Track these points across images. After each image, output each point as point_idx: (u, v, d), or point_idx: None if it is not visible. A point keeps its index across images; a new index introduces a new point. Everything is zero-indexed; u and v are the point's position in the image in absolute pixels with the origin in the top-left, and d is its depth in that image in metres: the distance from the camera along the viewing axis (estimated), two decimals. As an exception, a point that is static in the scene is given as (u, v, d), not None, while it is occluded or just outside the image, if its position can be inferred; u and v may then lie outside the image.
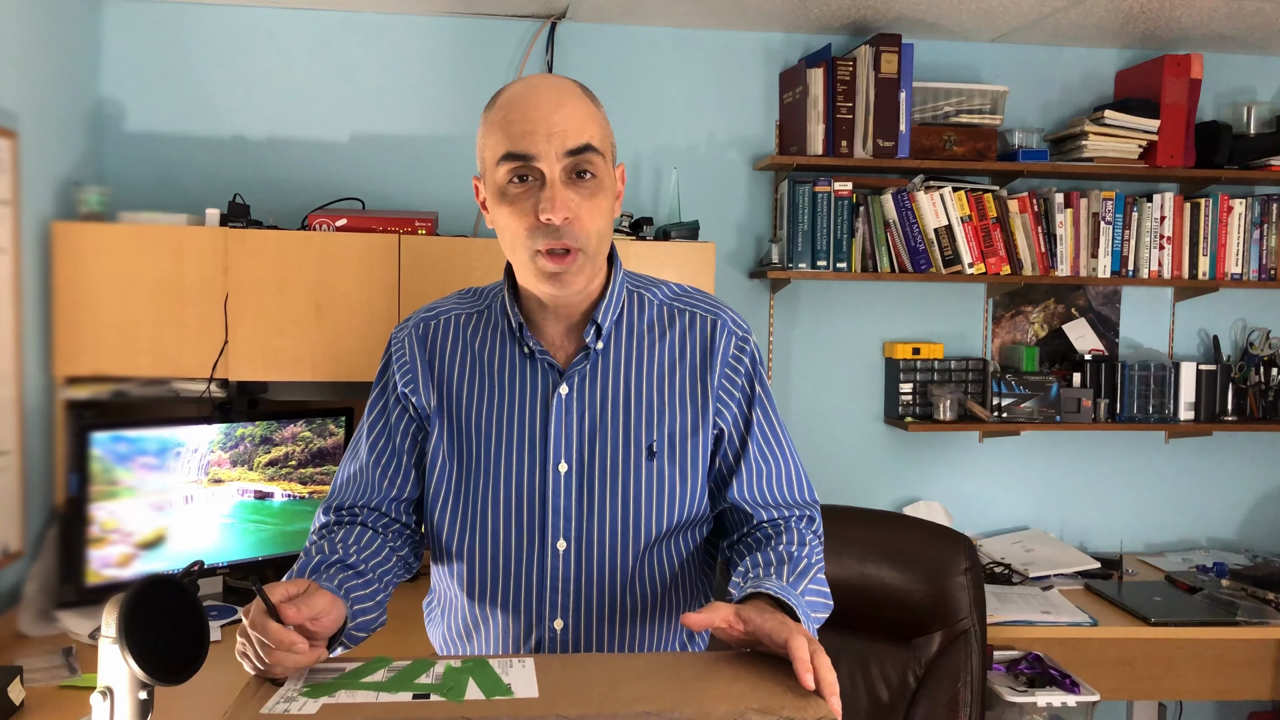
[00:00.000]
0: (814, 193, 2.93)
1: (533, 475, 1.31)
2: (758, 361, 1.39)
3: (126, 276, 2.49)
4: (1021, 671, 2.56)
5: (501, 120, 1.24)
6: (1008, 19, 2.90)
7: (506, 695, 0.97)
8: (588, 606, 1.32)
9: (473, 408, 1.34)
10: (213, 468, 2.50)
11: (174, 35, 2.87)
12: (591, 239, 1.26)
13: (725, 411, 1.36)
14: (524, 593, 1.32)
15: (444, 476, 1.35)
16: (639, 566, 1.33)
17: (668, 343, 1.36)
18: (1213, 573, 3.00)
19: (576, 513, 1.31)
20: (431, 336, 1.39)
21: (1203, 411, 3.15)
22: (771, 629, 1.05)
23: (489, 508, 1.32)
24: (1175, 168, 2.99)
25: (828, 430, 3.17)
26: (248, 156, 2.91)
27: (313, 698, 0.95)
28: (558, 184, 1.22)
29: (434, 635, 1.47)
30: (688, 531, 1.37)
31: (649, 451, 1.32)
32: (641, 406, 1.33)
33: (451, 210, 2.94)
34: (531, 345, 1.33)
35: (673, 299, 1.40)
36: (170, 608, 1.12)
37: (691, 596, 1.41)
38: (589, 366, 1.33)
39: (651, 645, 1.37)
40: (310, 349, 2.56)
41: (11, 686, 1.87)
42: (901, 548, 2.16)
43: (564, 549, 1.31)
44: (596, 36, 3.03)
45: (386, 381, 1.40)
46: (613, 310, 1.34)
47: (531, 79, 1.29)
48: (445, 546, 1.36)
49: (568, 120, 1.23)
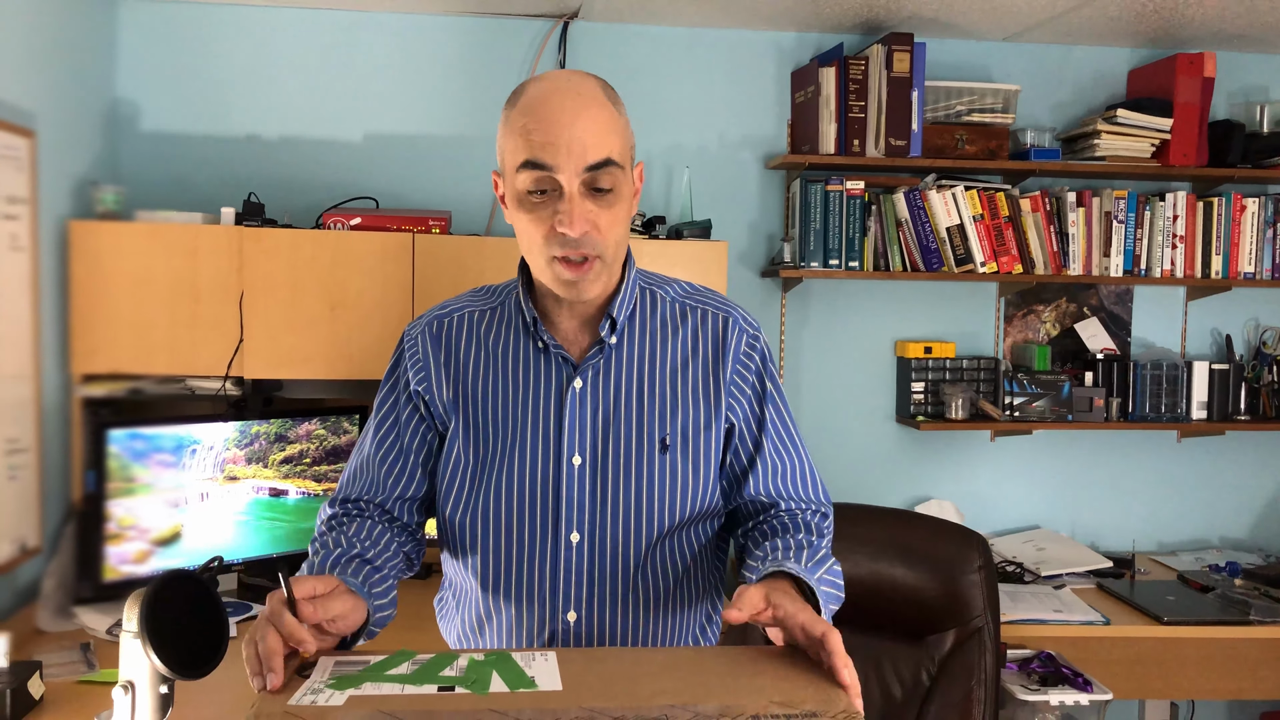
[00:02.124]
0: (826, 192, 2.94)
1: (546, 468, 1.32)
2: (768, 359, 1.41)
3: (142, 275, 2.50)
4: (1034, 670, 2.56)
5: (522, 127, 1.24)
6: (1020, 18, 2.90)
7: (530, 688, 0.97)
8: (600, 598, 1.33)
9: (488, 402, 1.35)
10: (228, 465, 2.51)
11: (189, 35, 2.89)
12: (610, 247, 1.27)
13: (737, 407, 1.37)
14: (538, 585, 1.33)
15: (459, 470, 1.35)
16: (651, 558, 1.34)
17: (680, 339, 1.37)
18: (1225, 572, 2.99)
19: (590, 505, 1.32)
20: (446, 333, 1.39)
21: (1215, 411, 3.15)
22: (805, 621, 1.05)
23: (503, 500, 1.33)
24: (1188, 167, 2.99)
25: (839, 429, 3.17)
26: (262, 156, 2.93)
27: (339, 690, 0.96)
28: (576, 198, 1.22)
29: (446, 630, 1.48)
30: (700, 524, 1.38)
31: (662, 445, 1.33)
32: (654, 400, 1.34)
33: (465, 209, 2.95)
34: (546, 339, 1.34)
35: (685, 296, 1.41)
36: (190, 603, 1.13)
37: (703, 589, 1.42)
38: (603, 360, 1.34)
39: (664, 636, 1.37)
40: (324, 347, 2.58)
41: (31, 681, 1.88)
42: (915, 546, 2.17)
43: (577, 541, 1.32)
44: (608, 36, 3.04)
45: (398, 379, 1.41)
46: (626, 305, 1.36)
47: (554, 80, 1.27)
48: (460, 540, 1.36)
49: (587, 132, 1.22)
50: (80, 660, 2.11)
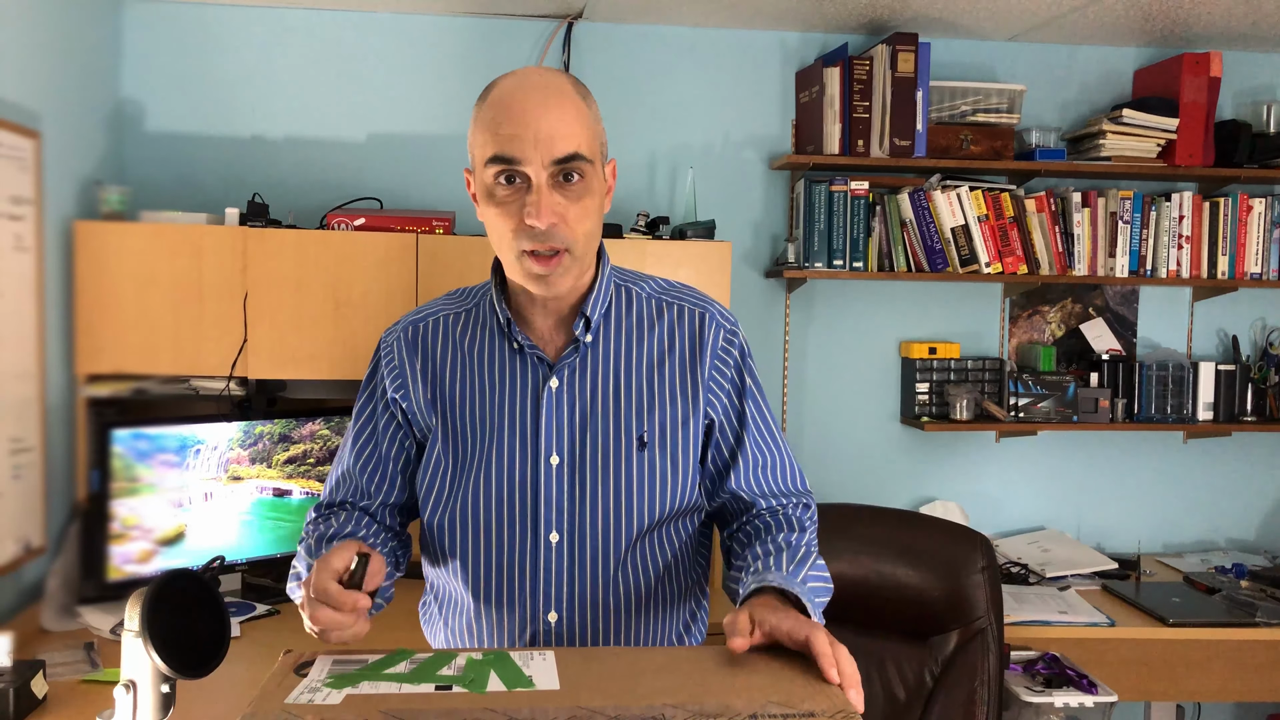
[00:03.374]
0: (830, 192, 2.93)
1: (524, 469, 1.32)
2: (747, 354, 1.41)
3: (147, 275, 2.51)
4: (1038, 671, 2.55)
5: (490, 120, 1.24)
6: (1025, 18, 2.89)
7: (528, 687, 0.97)
8: (581, 598, 1.33)
9: (465, 405, 1.35)
10: (232, 465, 2.52)
11: (194, 36, 2.90)
12: (579, 240, 1.26)
13: (716, 402, 1.37)
14: (518, 586, 1.33)
15: (437, 473, 1.36)
16: (632, 556, 1.34)
17: (656, 335, 1.37)
18: (1231, 573, 2.98)
19: (569, 505, 1.32)
20: (421, 339, 1.39)
21: (1222, 412, 3.13)
22: (789, 629, 1.05)
23: (482, 503, 1.33)
24: (1194, 167, 2.98)
25: (844, 430, 3.16)
26: (266, 156, 2.94)
27: (336, 689, 0.96)
28: (544, 189, 1.22)
29: (430, 634, 1.48)
30: (680, 521, 1.38)
31: (640, 442, 1.33)
32: (631, 398, 1.34)
33: (469, 209, 2.91)
34: (520, 340, 1.34)
35: (660, 293, 1.41)
36: (192, 602, 1.13)
37: (685, 587, 1.42)
38: (578, 359, 1.34)
39: (647, 636, 1.37)
40: (328, 347, 2.58)
41: (35, 680, 1.89)
42: (919, 546, 2.16)
43: (557, 541, 1.32)
44: (613, 36, 3.04)
45: (375, 386, 1.41)
46: (601, 303, 1.35)
47: (522, 75, 1.27)
48: (440, 543, 1.37)
49: (555, 126, 1.22)
50: (84, 660, 2.12)
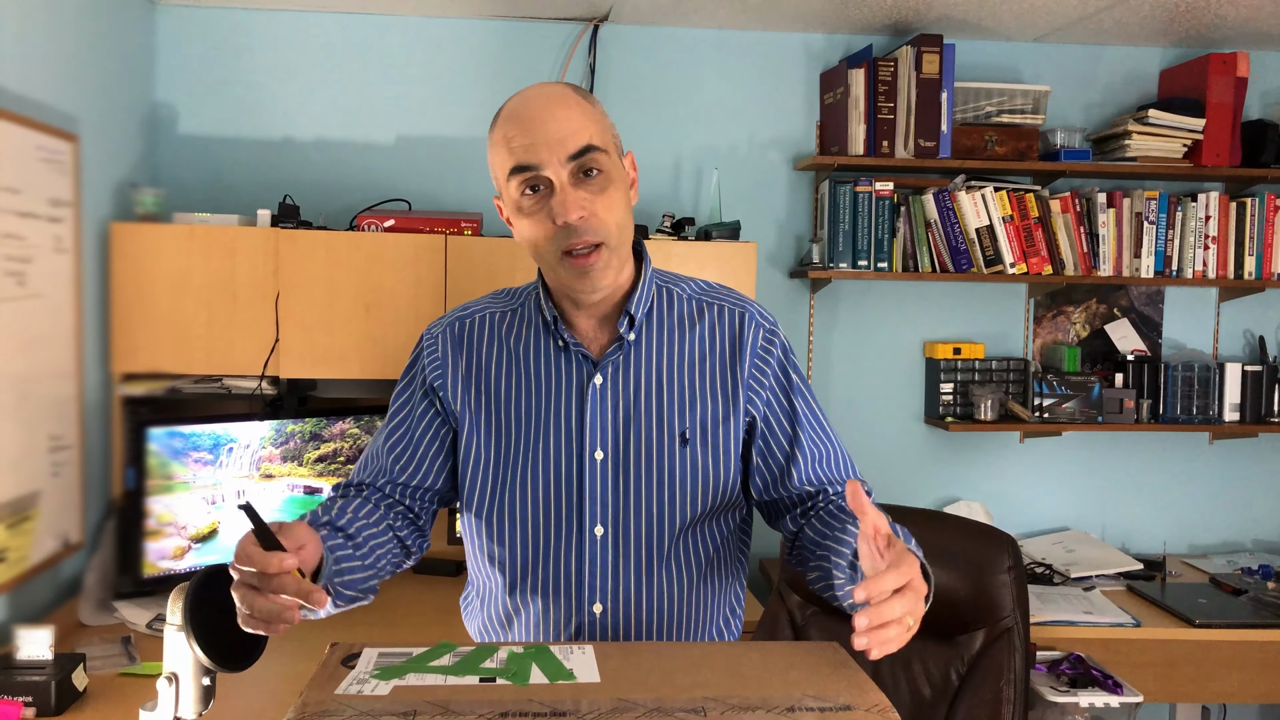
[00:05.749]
0: (855, 193, 2.94)
1: (570, 463, 1.35)
2: (789, 351, 1.43)
3: (181, 276, 2.55)
4: (1063, 672, 2.55)
5: (503, 138, 1.31)
6: (1050, 18, 2.89)
7: (569, 679, 1.00)
8: (625, 590, 1.35)
9: (510, 401, 1.38)
10: (264, 463, 2.55)
11: (225, 41, 2.94)
12: (612, 231, 1.30)
13: (757, 400, 1.39)
14: (563, 579, 1.35)
15: (481, 469, 1.38)
16: (675, 550, 1.37)
17: (697, 334, 1.40)
18: (1258, 575, 2.97)
19: (613, 499, 1.35)
20: (466, 335, 1.43)
21: (1248, 413, 3.12)
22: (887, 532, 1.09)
23: (528, 497, 1.36)
24: (1220, 167, 2.97)
25: (868, 430, 3.17)
26: (297, 158, 2.98)
27: (384, 680, 0.99)
28: (567, 187, 1.28)
29: (471, 627, 1.50)
30: (721, 516, 1.40)
31: (682, 438, 1.35)
32: (673, 395, 1.37)
33: (496, 211, 2.97)
34: (566, 338, 1.37)
35: (701, 293, 1.44)
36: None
37: (726, 580, 1.45)
38: (622, 357, 1.37)
39: (689, 627, 1.40)
40: (358, 347, 2.61)
41: (76, 673, 1.93)
42: (945, 546, 2.16)
43: (601, 534, 1.35)
44: (638, 38, 3.06)
45: (414, 375, 1.45)
46: (644, 302, 1.39)
47: (525, 92, 1.34)
48: (485, 537, 1.39)
49: (564, 125, 1.28)
50: (121, 653, 2.16)
